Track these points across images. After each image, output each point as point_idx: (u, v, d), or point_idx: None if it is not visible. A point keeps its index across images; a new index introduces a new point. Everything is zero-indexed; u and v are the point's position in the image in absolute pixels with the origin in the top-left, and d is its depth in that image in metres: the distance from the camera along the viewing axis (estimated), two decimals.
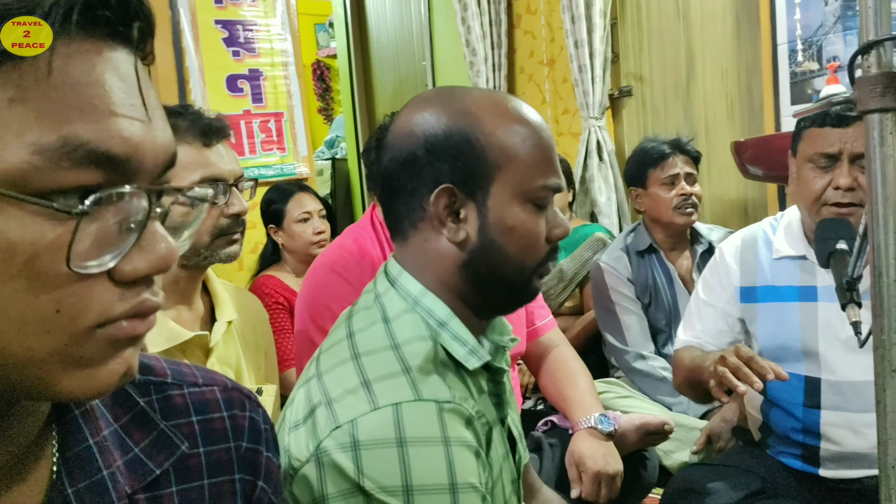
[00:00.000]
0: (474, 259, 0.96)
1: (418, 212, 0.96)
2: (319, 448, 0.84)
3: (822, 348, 1.56)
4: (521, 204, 0.96)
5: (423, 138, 0.95)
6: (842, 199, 1.48)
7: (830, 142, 1.50)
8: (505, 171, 0.94)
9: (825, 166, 1.51)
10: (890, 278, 0.78)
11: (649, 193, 2.40)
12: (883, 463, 0.79)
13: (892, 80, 0.78)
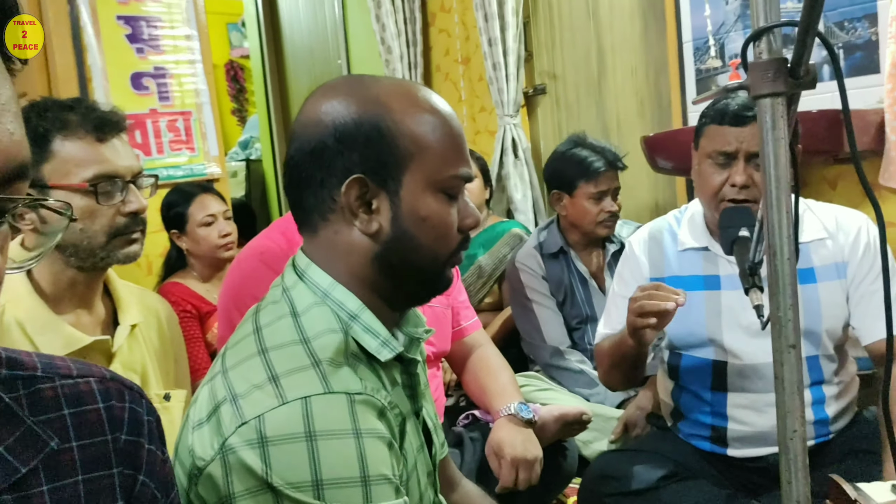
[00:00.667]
0: (387, 250, 0.95)
1: (328, 203, 0.94)
2: (225, 446, 0.81)
3: (727, 334, 1.62)
4: (434, 193, 0.95)
5: (332, 127, 0.92)
6: (737, 195, 1.54)
7: (728, 140, 1.55)
8: (417, 160, 0.93)
9: (723, 163, 1.57)
10: (784, 257, 0.80)
11: (575, 203, 2.42)
12: (782, 435, 0.82)
13: (782, 66, 0.80)
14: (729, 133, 1.55)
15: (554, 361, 2.40)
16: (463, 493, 1.30)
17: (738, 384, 1.63)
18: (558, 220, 2.54)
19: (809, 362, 1.60)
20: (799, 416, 0.81)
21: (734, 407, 1.63)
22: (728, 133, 1.55)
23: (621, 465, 1.66)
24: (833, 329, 1.60)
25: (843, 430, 1.65)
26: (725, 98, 1.59)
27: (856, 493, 1.19)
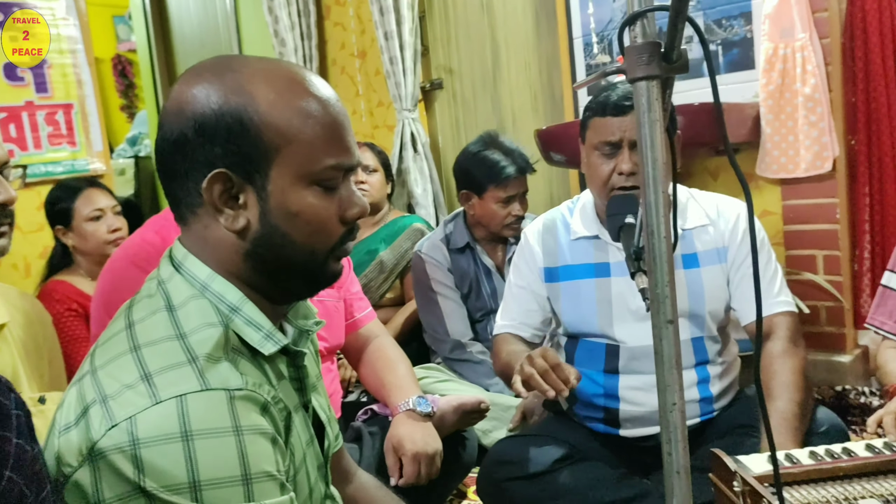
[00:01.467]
0: (258, 247, 0.90)
1: (195, 196, 0.89)
2: (94, 450, 0.76)
3: (617, 319, 1.67)
4: (306, 187, 0.89)
5: (192, 118, 0.87)
6: (625, 182, 1.59)
7: (612, 130, 1.60)
8: (284, 152, 0.88)
9: (609, 153, 1.61)
10: (660, 235, 0.82)
11: (483, 205, 2.42)
12: (662, 409, 0.84)
13: (656, 50, 0.82)
14: (612, 123, 1.59)
15: (455, 355, 2.42)
16: (359, 485, 1.28)
17: (630, 367, 1.68)
18: (465, 213, 2.55)
19: (695, 344, 1.67)
20: (678, 390, 0.83)
21: (626, 389, 1.68)
22: (611, 123, 1.59)
23: (518, 450, 1.68)
24: (716, 311, 1.68)
25: (726, 408, 1.73)
26: (607, 91, 1.64)
27: (735, 465, 1.25)
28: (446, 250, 2.50)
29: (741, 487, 1.20)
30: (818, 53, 2.33)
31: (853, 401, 2.38)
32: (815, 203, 2.44)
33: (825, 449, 1.31)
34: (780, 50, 2.36)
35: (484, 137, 2.50)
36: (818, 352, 2.50)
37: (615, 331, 1.68)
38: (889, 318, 1.63)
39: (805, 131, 2.35)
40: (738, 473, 1.21)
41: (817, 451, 1.30)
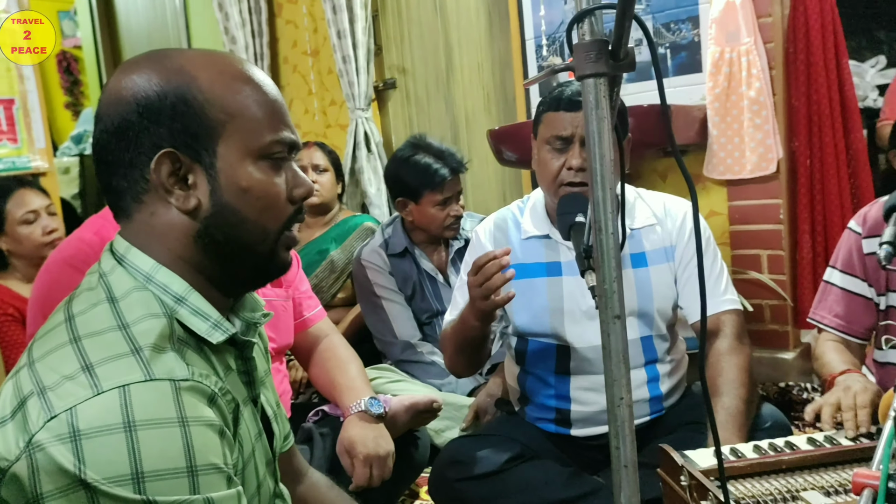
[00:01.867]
0: (210, 227, 0.90)
1: (140, 184, 0.88)
2: (31, 443, 0.74)
3: (568, 318, 1.68)
4: (254, 162, 0.90)
5: (133, 102, 0.87)
6: (574, 178, 1.59)
7: (563, 125, 1.60)
8: (230, 128, 0.89)
9: (560, 148, 1.62)
10: (608, 231, 0.83)
11: (421, 210, 2.40)
12: (610, 403, 0.85)
13: (603, 47, 0.83)
14: (564, 118, 1.60)
15: (406, 356, 2.40)
16: (310, 485, 1.26)
17: (580, 367, 1.69)
18: (402, 218, 2.53)
19: (644, 343, 1.69)
20: (625, 384, 0.84)
21: (577, 389, 1.69)
22: (563, 118, 1.60)
23: (469, 450, 1.68)
24: (664, 309, 1.70)
25: (675, 405, 1.75)
26: (561, 87, 1.65)
27: (682, 460, 1.27)
28: (385, 255, 2.48)
29: (688, 482, 1.22)
30: (762, 58, 2.39)
31: (796, 397, 2.44)
32: (759, 204, 2.50)
33: (769, 443, 1.34)
34: (726, 54, 2.41)
35: (412, 141, 2.46)
36: (762, 349, 2.56)
37: (566, 331, 1.69)
38: (829, 313, 1.67)
39: (750, 134, 2.40)
40: (685, 468, 1.23)
41: (761, 446, 1.33)
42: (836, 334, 1.66)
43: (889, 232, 1.32)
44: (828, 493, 1.15)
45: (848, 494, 1.13)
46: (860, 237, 1.64)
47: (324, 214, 2.93)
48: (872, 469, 0.90)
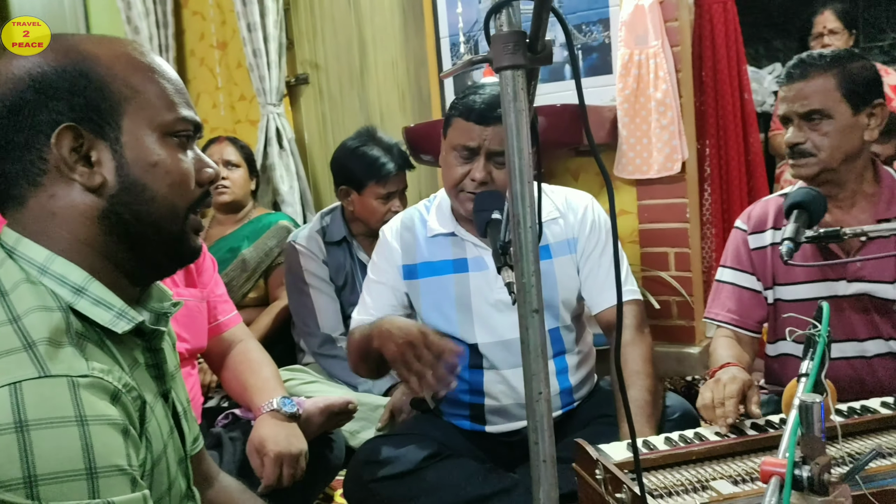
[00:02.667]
0: (116, 205, 0.86)
1: (37, 165, 0.84)
2: None
3: (477, 314, 1.69)
4: (161, 138, 0.88)
5: (28, 79, 0.83)
6: (475, 189, 1.60)
7: (472, 136, 1.61)
8: (134, 102, 0.87)
9: (466, 157, 1.62)
10: (527, 225, 0.83)
11: (363, 201, 2.38)
12: (529, 398, 0.84)
13: (521, 39, 0.82)
14: (473, 129, 1.60)
15: (324, 350, 2.36)
16: (220, 489, 1.21)
17: (492, 362, 1.70)
18: (342, 208, 2.49)
19: (552, 334, 1.71)
20: (543, 379, 0.84)
21: (490, 384, 1.70)
22: (472, 129, 1.60)
23: (385, 449, 1.66)
24: (568, 300, 1.72)
25: (587, 399, 1.78)
26: (474, 94, 1.64)
27: (597, 453, 1.29)
28: (322, 242, 2.45)
29: (603, 475, 1.23)
30: (669, 61, 2.46)
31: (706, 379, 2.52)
32: (666, 203, 2.58)
33: (679, 435, 1.37)
34: (635, 56, 2.46)
35: (362, 132, 2.46)
36: (669, 344, 2.63)
37: (475, 326, 1.69)
38: (722, 309, 1.74)
39: (657, 134, 2.47)
40: (600, 461, 1.24)
41: (672, 437, 1.36)
42: (730, 328, 1.72)
43: (790, 228, 1.38)
44: (735, 481, 1.18)
45: (755, 482, 1.17)
46: (746, 234, 1.71)
47: (236, 212, 2.84)
48: (779, 457, 0.93)
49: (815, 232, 1.37)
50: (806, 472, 0.90)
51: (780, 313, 1.68)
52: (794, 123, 1.57)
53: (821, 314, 1.07)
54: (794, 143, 1.56)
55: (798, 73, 1.56)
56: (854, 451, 1.24)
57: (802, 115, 1.55)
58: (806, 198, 1.42)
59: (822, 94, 1.53)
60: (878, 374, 1.59)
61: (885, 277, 1.55)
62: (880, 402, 1.42)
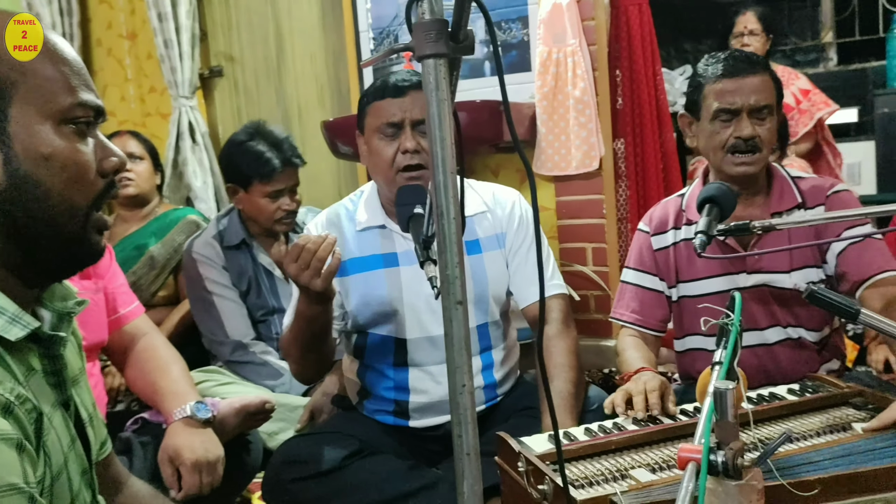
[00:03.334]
0: (6, 203, 0.79)
1: None
2: None
3: (407, 309, 1.67)
4: (56, 126, 0.81)
5: None
6: (410, 161, 1.59)
7: (392, 111, 1.59)
8: (23, 87, 0.79)
9: (392, 134, 1.60)
10: (450, 216, 0.81)
11: (251, 199, 2.28)
12: (452, 391, 0.83)
13: (444, 27, 0.81)
14: (392, 104, 1.59)
15: (237, 357, 2.28)
16: (130, 494, 1.15)
17: (419, 357, 1.68)
18: (239, 211, 2.41)
19: (479, 330, 1.71)
20: (467, 371, 0.83)
21: (415, 379, 1.69)
22: (391, 105, 1.59)
23: (305, 448, 1.62)
24: (498, 296, 1.73)
25: (509, 392, 1.79)
26: (384, 77, 1.63)
27: (519, 446, 1.29)
28: (220, 247, 2.34)
29: (525, 467, 1.24)
30: (587, 59, 2.50)
31: (618, 381, 2.58)
32: (584, 199, 2.62)
33: (598, 425, 1.39)
34: (553, 54, 2.50)
35: (249, 127, 2.34)
36: (588, 338, 2.69)
37: (405, 321, 1.67)
38: (626, 310, 1.78)
39: (575, 132, 2.51)
40: (522, 454, 1.25)
41: (592, 428, 1.38)
42: (635, 329, 1.76)
43: (702, 222, 1.42)
44: (654, 469, 1.21)
45: (672, 469, 1.20)
46: (649, 235, 1.76)
47: (141, 207, 2.73)
48: (695, 443, 0.95)
49: (726, 226, 1.42)
50: (721, 458, 0.92)
51: (685, 310, 1.73)
52: (743, 117, 1.59)
53: (734, 304, 1.10)
54: (751, 135, 1.58)
55: (746, 68, 1.59)
56: (764, 436, 1.29)
57: (755, 109, 1.58)
58: (718, 192, 1.46)
59: (768, 90, 1.59)
60: (779, 360, 1.66)
61: (781, 268, 1.62)
62: (787, 389, 1.48)
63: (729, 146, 1.60)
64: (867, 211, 1.34)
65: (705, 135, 1.65)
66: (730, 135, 1.60)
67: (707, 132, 1.64)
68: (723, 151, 1.61)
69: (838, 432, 1.28)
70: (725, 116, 1.60)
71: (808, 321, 1.64)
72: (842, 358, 1.74)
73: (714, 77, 1.62)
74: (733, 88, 1.59)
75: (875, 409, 1.33)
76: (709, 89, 1.62)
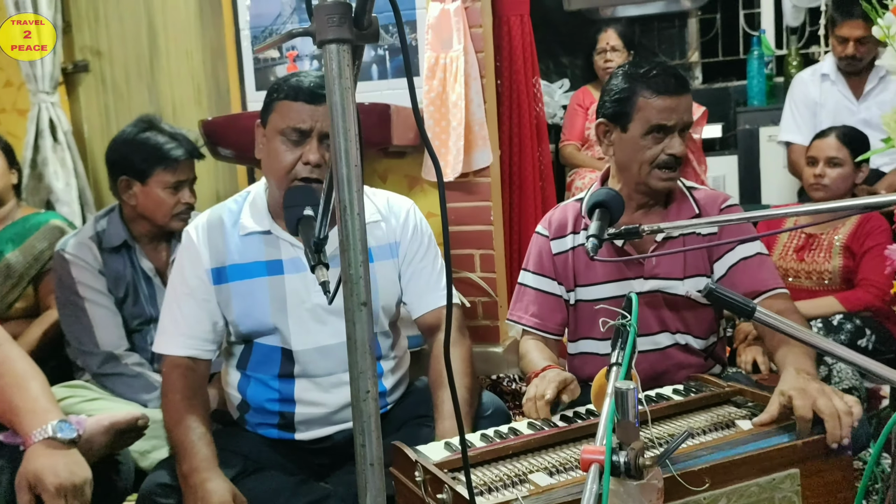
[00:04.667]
0: None
1: None
2: None
3: (292, 319, 1.60)
4: None
5: None
6: (310, 174, 1.52)
7: (303, 117, 1.51)
8: None
9: (296, 141, 1.52)
10: (354, 212, 0.77)
11: (148, 192, 2.13)
12: (356, 398, 0.79)
13: (347, 11, 0.77)
14: (304, 110, 1.51)
15: (107, 369, 2.12)
16: None
17: (306, 368, 1.62)
18: (121, 209, 2.24)
19: None
20: (371, 377, 0.79)
21: (302, 390, 1.62)
22: (303, 110, 1.51)
23: None
24: (389, 306, 1.69)
25: (400, 401, 1.75)
26: (297, 76, 1.56)
27: (416, 455, 1.25)
28: (97, 250, 2.18)
29: (422, 476, 1.20)
30: (474, 66, 2.51)
31: (506, 387, 2.60)
32: (472, 206, 2.63)
33: (494, 431, 1.38)
34: (440, 60, 2.49)
35: (143, 119, 2.22)
36: (476, 344, 2.67)
37: (290, 331, 1.60)
38: (525, 312, 1.79)
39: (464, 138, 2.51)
40: (420, 463, 1.21)
41: (488, 434, 1.36)
42: (535, 332, 1.77)
43: (594, 226, 1.44)
44: (551, 472, 1.20)
45: (569, 472, 1.20)
46: (548, 239, 1.78)
47: None
48: (597, 445, 0.95)
49: (617, 230, 1.44)
50: (623, 458, 0.92)
51: (581, 314, 1.76)
52: (675, 134, 1.61)
53: (630, 305, 1.12)
54: (682, 154, 1.62)
55: (680, 86, 1.61)
56: (654, 436, 1.31)
57: (684, 127, 1.62)
58: (607, 197, 1.48)
59: (691, 110, 1.65)
60: (667, 365, 1.71)
61: (675, 275, 1.67)
62: (672, 390, 1.52)
63: (659, 162, 1.62)
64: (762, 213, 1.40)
65: (631, 147, 1.63)
66: (661, 151, 1.61)
67: (635, 145, 1.63)
68: (650, 166, 1.62)
69: (724, 429, 1.32)
70: (659, 133, 1.61)
71: (696, 328, 1.70)
72: (723, 364, 1.82)
73: (652, 92, 1.60)
74: (672, 106, 1.60)
75: (755, 406, 1.39)
76: (644, 103, 1.61)
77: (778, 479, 1.16)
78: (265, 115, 1.58)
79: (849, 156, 2.40)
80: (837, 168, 2.41)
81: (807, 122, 3.15)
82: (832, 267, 2.39)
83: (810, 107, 3.16)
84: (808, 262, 2.44)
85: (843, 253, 2.39)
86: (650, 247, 1.68)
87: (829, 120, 3.03)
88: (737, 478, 1.15)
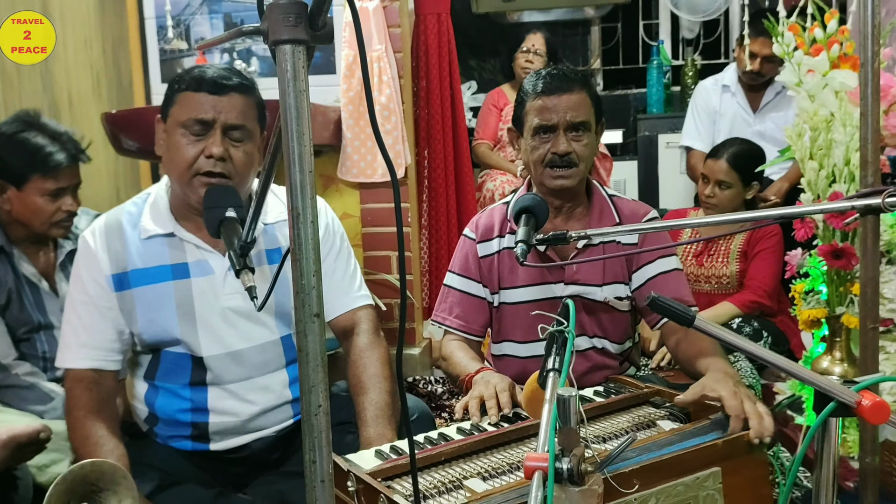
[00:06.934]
0: None
1: None
2: None
3: (201, 324, 1.54)
4: None
5: None
6: (213, 168, 1.46)
7: (205, 108, 1.46)
8: None
9: (198, 133, 1.47)
10: (308, 219, 0.74)
11: (24, 198, 1.98)
12: (307, 412, 0.76)
13: (303, 11, 0.74)
14: (206, 100, 1.46)
15: None
16: None
17: (219, 375, 1.56)
18: None
19: (285, 342, 1.62)
20: (323, 391, 0.76)
21: (216, 399, 1.56)
22: (205, 101, 1.46)
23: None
24: None
25: None
26: (200, 68, 1.51)
27: (347, 464, 1.23)
28: None
29: (356, 486, 1.18)
30: (393, 66, 2.49)
31: (422, 389, 2.59)
32: (389, 207, 2.61)
33: (424, 437, 1.37)
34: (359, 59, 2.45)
35: (21, 116, 2.05)
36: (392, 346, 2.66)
37: (200, 337, 1.53)
38: (450, 314, 1.80)
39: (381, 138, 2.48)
40: (352, 472, 1.19)
41: (418, 440, 1.35)
42: (458, 334, 1.78)
43: (521, 231, 1.45)
44: (485, 477, 1.20)
45: (501, 477, 1.21)
46: (475, 242, 1.79)
47: None
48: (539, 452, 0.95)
49: (544, 235, 1.46)
50: (566, 465, 0.93)
51: (504, 316, 1.77)
52: (559, 133, 1.64)
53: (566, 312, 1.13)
54: (567, 151, 1.64)
55: (563, 86, 1.64)
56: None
57: (572, 126, 1.64)
58: (532, 203, 1.50)
59: (586, 107, 1.66)
60: (586, 366, 1.75)
61: (595, 281, 1.71)
62: (593, 391, 1.56)
63: (547, 161, 1.66)
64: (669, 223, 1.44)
65: (526, 149, 1.70)
66: (547, 150, 1.65)
67: (528, 147, 1.69)
68: (541, 166, 1.67)
69: (646, 429, 1.37)
70: (544, 133, 1.66)
71: (613, 334, 1.75)
72: (637, 367, 1.89)
73: (534, 94, 1.67)
74: (551, 105, 1.64)
75: (673, 406, 1.44)
76: (529, 106, 1.67)
77: (702, 477, 1.20)
78: (166, 108, 1.51)
79: (737, 179, 2.56)
80: (727, 190, 2.55)
81: (707, 129, 3.30)
82: (730, 271, 2.53)
83: (710, 115, 3.31)
84: (707, 266, 2.57)
85: (740, 258, 2.53)
86: (571, 253, 1.71)
87: (727, 129, 3.19)
88: (664, 478, 1.18)
